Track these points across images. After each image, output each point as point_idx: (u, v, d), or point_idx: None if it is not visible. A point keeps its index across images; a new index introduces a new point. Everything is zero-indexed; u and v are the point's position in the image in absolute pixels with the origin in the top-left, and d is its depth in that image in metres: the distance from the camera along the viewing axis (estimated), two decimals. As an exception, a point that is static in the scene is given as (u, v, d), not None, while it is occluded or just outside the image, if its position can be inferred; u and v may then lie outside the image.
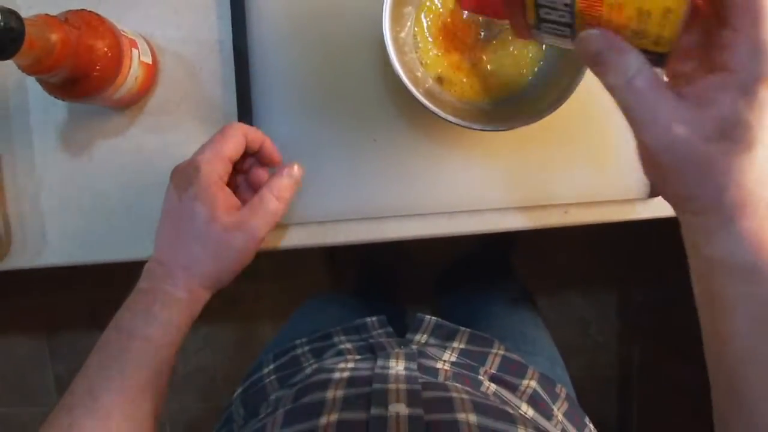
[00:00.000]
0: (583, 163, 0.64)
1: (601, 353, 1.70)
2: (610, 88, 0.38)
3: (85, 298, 1.49)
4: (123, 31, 0.57)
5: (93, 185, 0.66)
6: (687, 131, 0.35)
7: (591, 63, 0.38)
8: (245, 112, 0.63)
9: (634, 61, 0.36)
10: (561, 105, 0.54)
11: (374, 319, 0.70)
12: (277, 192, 0.55)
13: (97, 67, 0.54)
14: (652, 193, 0.64)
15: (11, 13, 0.45)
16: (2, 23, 0.44)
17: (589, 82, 0.47)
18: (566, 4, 0.39)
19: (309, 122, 0.64)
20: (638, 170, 0.61)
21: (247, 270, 0.56)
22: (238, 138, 0.54)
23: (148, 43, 0.62)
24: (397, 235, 0.64)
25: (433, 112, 0.53)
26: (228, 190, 0.55)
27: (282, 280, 1.53)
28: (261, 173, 0.59)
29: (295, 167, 0.56)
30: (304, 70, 0.64)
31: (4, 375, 1.63)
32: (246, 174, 0.60)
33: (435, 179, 0.64)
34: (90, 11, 0.55)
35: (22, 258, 0.67)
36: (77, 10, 0.55)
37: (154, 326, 0.50)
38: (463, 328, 0.69)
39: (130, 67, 0.57)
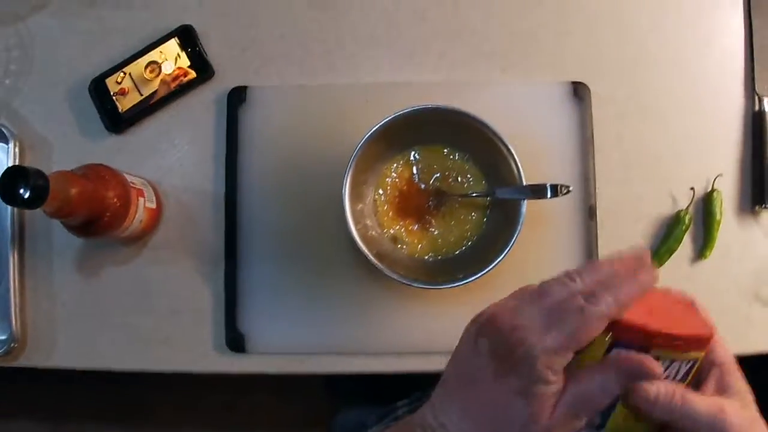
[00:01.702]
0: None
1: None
2: None
3: (92, 394, 1.54)
4: (132, 183, 0.69)
5: (101, 304, 0.76)
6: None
7: None
8: (231, 255, 0.73)
9: None
10: (494, 266, 0.63)
11: None
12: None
13: (108, 215, 0.65)
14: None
15: (39, 174, 0.56)
16: (32, 182, 0.55)
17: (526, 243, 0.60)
18: None
19: (283, 267, 0.74)
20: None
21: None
22: (597, 329, 0.37)
23: (155, 190, 0.74)
24: (352, 369, 0.72)
25: (383, 272, 0.63)
26: (560, 380, 0.38)
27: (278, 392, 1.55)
28: None
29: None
30: (282, 224, 0.74)
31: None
32: None
33: (387, 323, 0.72)
34: (105, 166, 0.67)
35: (34, 358, 0.76)
36: (94, 166, 0.66)
37: None
38: None
39: (135, 213, 0.68)
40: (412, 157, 0.71)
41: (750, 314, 0.75)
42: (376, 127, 0.64)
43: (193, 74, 0.75)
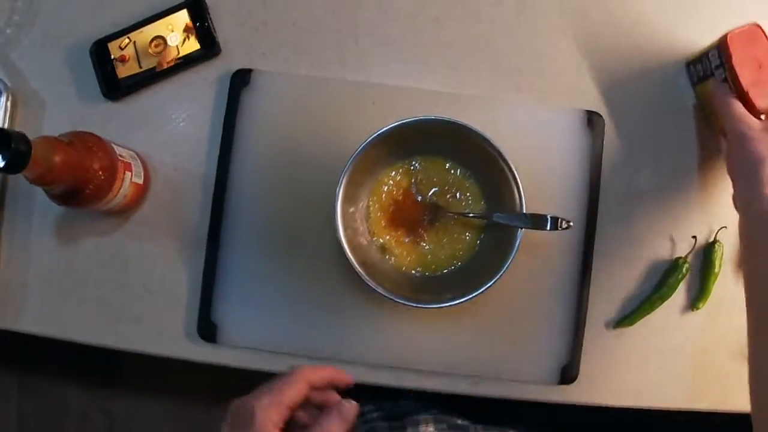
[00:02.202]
0: (502, 342, 0.70)
1: None
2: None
3: (60, 348, 1.52)
4: (120, 156, 0.66)
5: (75, 273, 0.73)
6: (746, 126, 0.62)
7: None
8: (213, 241, 0.71)
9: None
10: (481, 292, 0.61)
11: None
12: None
13: (91, 187, 0.62)
14: (563, 381, 0.70)
15: (21, 138, 0.54)
16: (14, 146, 0.53)
17: (516, 270, 0.60)
18: None
19: (265, 261, 0.71)
20: (552, 356, 0.68)
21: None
22: (300, 387, 0.52)
23: (144, 164, 0.71)
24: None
25: (367, 283, 0.61)
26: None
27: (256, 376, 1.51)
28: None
29: (347, 405, 0.53)
30: (270, 216, 0.72)
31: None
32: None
33: (364, 333, 0.70)
34: (94, 135, 0.64)
35: (2, 320, 0.74)
36: (83, 134, 0.63)
37: None
38: None
39: (120, 188, 0.66)
40: (412, 167, 0.68)
41: (733, 372, 0.73)
42: (380, 132, 0.62)
43: (198, 50, 0.72)
